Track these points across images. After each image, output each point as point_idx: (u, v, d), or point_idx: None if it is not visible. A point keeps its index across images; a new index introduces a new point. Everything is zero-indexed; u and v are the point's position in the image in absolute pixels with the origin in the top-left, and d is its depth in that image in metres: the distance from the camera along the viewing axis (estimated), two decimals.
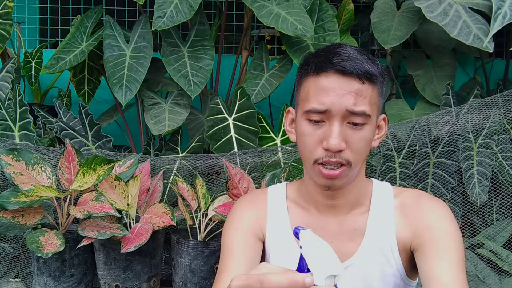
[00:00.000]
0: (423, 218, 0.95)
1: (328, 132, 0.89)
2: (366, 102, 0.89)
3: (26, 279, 1.82)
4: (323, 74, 0.90)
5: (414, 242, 0.94)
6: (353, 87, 0.88)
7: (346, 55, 0.90)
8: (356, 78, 0.88)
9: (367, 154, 0.95)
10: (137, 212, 1.59)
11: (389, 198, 1.00)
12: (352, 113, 0.88)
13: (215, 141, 1.89)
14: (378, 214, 0.99)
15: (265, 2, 1.93)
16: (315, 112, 0.90)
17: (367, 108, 0.89)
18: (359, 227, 0.98)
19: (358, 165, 0.92)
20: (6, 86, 2.04)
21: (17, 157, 1.52)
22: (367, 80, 0.89)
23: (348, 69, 0.88)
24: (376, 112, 0.93)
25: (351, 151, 0.89)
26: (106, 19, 2.06)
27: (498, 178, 1.89)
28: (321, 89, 0.90)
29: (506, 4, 1.79)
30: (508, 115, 1.85)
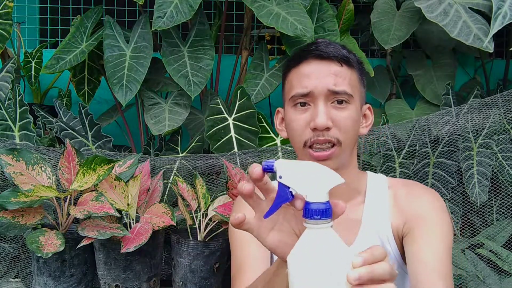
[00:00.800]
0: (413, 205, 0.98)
1: (314, 112, 0.94)
2: (346, 83, 0.95)
3: (26, 279, 1.82)
4: (303, 62, 0.97)
5: (405, 228, 0.97)
6: (331, 69, 0.95)
7: (322, 43, 0.98)
8: (334, 60, 0.95)
9: (356, 137, 0.98)
10: (137, 212, 1.59)
11: (384, 189, 1.03)
12: (334, 93, 0.93)
13: (215, 141, 1.89)
14: (374, 204, 1.01)
15: (265, 2, 1.93)
16: (299, 96, 0.95)
17: (348, 88, 0.95)
18: (356, 217, 1.01)
19: (348, 145, 0.96)
20: (6, 86, 2.04)
21: (17, 157, 1.52)
22: (345, 63, 0.96)
23: (326, 52, 0.95)
24: (358, 96, 0.98)
25: (339, 129, 0.94)
26: (106, 19, 2.06)
27: (498, 178, 1.89)
28: (302, 75, 0.96)
29: (506, 4, 1.79)
30: (508, 115, 1.85)
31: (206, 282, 1.58)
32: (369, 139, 1.88)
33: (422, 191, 1.01)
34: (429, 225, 0.95)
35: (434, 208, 0.97)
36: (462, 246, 1.88)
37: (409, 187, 1.03)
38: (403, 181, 1.06)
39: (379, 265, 0.55)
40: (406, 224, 0.97)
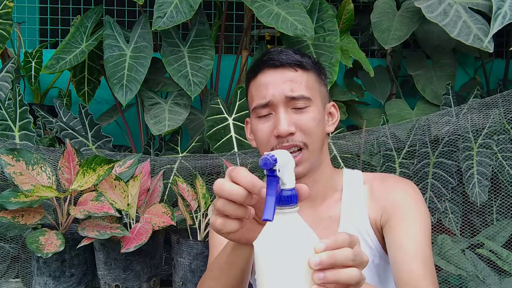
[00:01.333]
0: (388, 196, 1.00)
1: (276, 120, 0.97)
2: (303, 87, 0.97)
3: (26, 279, 1.82)
4: (259, 73, 1.00)
5: (382, 219, 0.99)
6: (287, 76, 0.97)
7: (274, 52, 1.01)
8: (288, 67, 0.98)
9: (322, 137, 1.01)
10: (137, 212, 1.59)
11: (360, 184, 1.05)
12: (292, 99, 0.96)
13: (215, 141, 1.89)
14: (351, 200, 1.03)
15: (265, 2, 1.93)
16: (260, 107, 0.98)
17: (305, 91, 0.97)
18: (334, 214, 1.03)
19: (316, 147, 0.98)
20: (6, 86, 2.04)
21: (17, 157, 1.52)
22: (299, 68, 0.98)
23: (279, 60, 0.98)
24: (318, 97, 1.00)
25: (303, 132, 0.96)
26: (106, 19, 2.06)
27: (498, 178, 1.89)
28: (260, 86, 0.99)
29: (506, 4, 1.79)
30: (508, 115, 1.85)
31: None
32: (369, 139, 1.88)
33: (396, 182, 1.03)
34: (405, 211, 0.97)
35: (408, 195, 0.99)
36: (462, 246, 1.88)
37: (384, 179, 1.05)
38: (379, 175, 1.08)
39: (342, 250, 0.57)
40: (383, 215, 0.99)
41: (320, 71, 1.04)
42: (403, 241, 0.93)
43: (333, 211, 1.03)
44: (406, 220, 0.96)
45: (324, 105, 1.03)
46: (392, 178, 1.06)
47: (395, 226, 0.96)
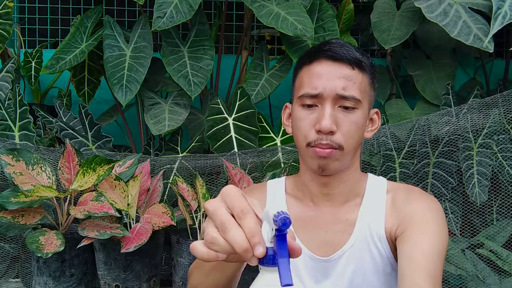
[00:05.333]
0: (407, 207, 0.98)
1: (321, 114, 0.94)
2: (356, 87, 0.94)
3: (26, 279, 1.82)
4: (315, 61, 0.96)
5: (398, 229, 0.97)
6: (343, 72, 0.94)
7: (336, 44, 0.96)
8: (346, 63, 0.94)
9: (359, 142, 0.99)
10: (137, 212, 1.59)
11: (382, 192, 1.03)
12: (342, 97, 0.93)
13: (215, 141, 1.89)
14: (370, 206, 1.01)
15: (265, 2, 1.93)
16: (308, 97, 0.95)
17: (357, 93, 0.94)
18: (351, 218, 1.01)
19: (350, 150, 0.96)
20: (6, 86, 2.04)
21: (17, 157, 1.52)
22: (357, 67, 0.95)
23: (339, 54, 0.94)
24: (367, 101, 0.98)
25: (342, 134, 0.94)
26: (106, 19, 2.06)
27: (498, 178, 1.89)
28: (313, 74, 0.96)
29: (506, 4, 1.79)
30: (508, 115, 1.85)
31: None
32: (369, 139, 1.89)
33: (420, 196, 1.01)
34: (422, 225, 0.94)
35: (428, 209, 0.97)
36: (462, 246, 1.88)
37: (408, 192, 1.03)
38: (404, 186, 1.06)
39: None
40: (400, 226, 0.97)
41: (374, 74, 1.01)
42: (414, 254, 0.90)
43: (350, 214, 1.02)
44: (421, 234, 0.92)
45: (369, 110, 1.01)
46: (417, 192, 1.03)
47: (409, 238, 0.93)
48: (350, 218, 1.02)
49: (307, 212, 1.04)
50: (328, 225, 1.02)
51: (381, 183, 1.05)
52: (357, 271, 0.99)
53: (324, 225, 1.02)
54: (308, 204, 1.04)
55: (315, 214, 1.03)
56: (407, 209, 0.98)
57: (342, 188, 1.02)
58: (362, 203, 1.02)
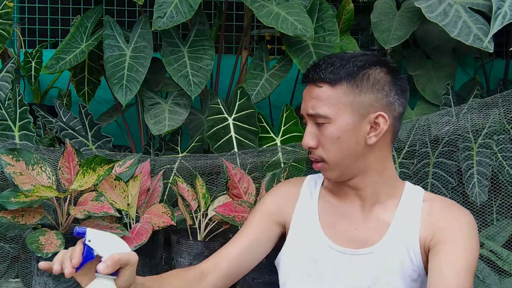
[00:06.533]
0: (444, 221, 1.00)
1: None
2: (322, 104, 0.99)
3: (26, 279, 1.82)
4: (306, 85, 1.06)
5: (432, 242, 0.98)
6: (312, 93, 1.01)
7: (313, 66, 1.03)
8: (313, 84, 1.01)
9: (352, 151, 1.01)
10: (137, 212, 1.59)
11: (419, 200, 1.05)
12: (311, 116, 1.01)
13: (215, 141, 1.89)
14: (407, 211, 1.03)
15: (265, 2, 1.93)
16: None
17: (322, 109, 0.99)
18: (385, 219, 1.04)
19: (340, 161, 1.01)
20: (6, 86, 2.04)
21: (17, 157, 1.52)
22: (324, 83, 1.00)
23: (308, 76, 1.02)
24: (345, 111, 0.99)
25: (322, 148, 1.01)
26: (106, 19, 2.06)
27: (498, 178, 1.89)
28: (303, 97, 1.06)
29: (506, 4, 1.79)
30: (508, 115, 1.85)
31: None
32: None
33: (458, 211, 1.02)
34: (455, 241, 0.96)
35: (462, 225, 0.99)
36: None
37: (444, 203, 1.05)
38: (440, 197, 1.08)
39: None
40: (434, 238, 0.99)
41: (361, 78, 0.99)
42: (444, 269, 0.93)
43: (384, 215, 1.04)
44: (453, 250, 0.95)
45: (364, 116, 1.00)
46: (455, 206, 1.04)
47: (441, 252, 0.96)
48: (383, 219, 1.04)
49: (339, 206, 1.09)
50: (359, 223, 1.06)
51: (418, 191, 1.07)
52: (383, 271, 1.00)
53: (355, 222, 1.06)
54: (342, 201, 1.09)
55: (348, 210, 1.07)
56: (442, 222, 0.99)
57: (369, 190, 1.05)
58: (399, 206, 1.04)
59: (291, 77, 2.20)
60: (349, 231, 1.05)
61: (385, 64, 1.03)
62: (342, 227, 1.06)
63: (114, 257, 0.80)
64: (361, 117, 1.00)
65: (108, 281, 0.80)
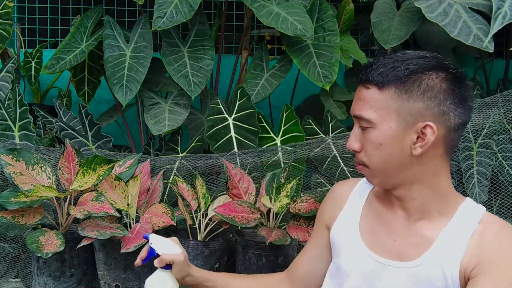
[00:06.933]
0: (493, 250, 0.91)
1: None
2: (367, 107, 0.95)
3: (26, 279, 1.82)
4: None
5: (474, 271, 0.91)
6: (360, 94, 0.97)
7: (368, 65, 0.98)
8: (362, 85, 0.97)
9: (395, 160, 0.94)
10: (137, 212, 1.59)
11: (474, 221, 0.95)
12: (356, 117, 0.98)
13: (215, 141, 1.89)
14: (454, 232, 0.95)
15: (265, 2, 1.93)
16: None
17: (366, 112, 0.95)
18: (428, 237, 0.97)
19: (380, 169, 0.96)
20: (6, 86, 2.04)
21: (17, 157, 1.52)
22: (372, 86, 0.95)
23: (359, 77, 0.98)
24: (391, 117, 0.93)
25: (365, 153, 0.97)
26: (106, 19, 2.06)
27: (498, 178, 1.89)
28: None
29: (506, 4, 1.79)
30: (508, 115, 1.85)
31: None
32: None
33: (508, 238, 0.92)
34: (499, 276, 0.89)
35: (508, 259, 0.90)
36: None
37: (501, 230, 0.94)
38: (499, 221, 0.97)
39: None
40: (476, 268, 0.91)
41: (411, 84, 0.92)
42: None
43: (429, 232, 0.97)
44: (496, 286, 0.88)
45: (411, 124, 0.92)
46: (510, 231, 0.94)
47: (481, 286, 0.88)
48: (427, 236, 0.97)
49: (383, 214, 1.04)
50: (399, 235, 1.00)
51: (477, 210, 0.98)
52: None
53: (395, 233, 1.01)
54: (387, 209, 1.04)
55: (390, 219, 1.02)
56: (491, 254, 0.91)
57: (416, 203, 0.98)
58: (448, 224, 0.96)
59: (291, 77, 2.20)
60: (388, 243, 1.00)
61: (445, 70, 0.96)
62: (380, 235, 1.02)
63: (162, 257, 1.06)
64: (408, 125, 0.93)
65: (163, 272, 1.08)
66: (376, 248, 1.01)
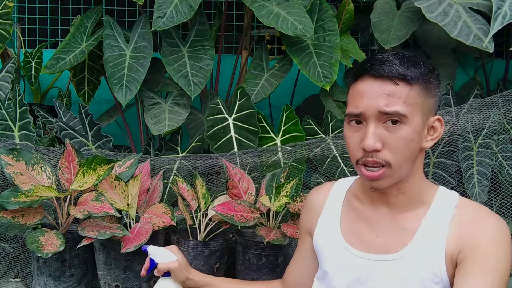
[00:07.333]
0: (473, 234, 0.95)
1: (365, 133, 0.95)
2: (400, 102, 0.93)
3: (26, 279, 1.82)
4: (359, 80, 0.97)
5: (459, 256, 0.94)
6: (385, 89, 0.93)
7: (379, 59, 0.95)
8: (388, 80, 0.93)
9: (414, 154, 0.96)
10: (137, 212, 1.59)
11: (450, 207, 1.00)
12: (386, 114, 0.93)
13: (215, 141, 1.89)
14: (435, 220, 0.98)
15: (265, 2, 1.93)
16: (352, 116, 0.97)
17: (401, 108, 0.92)
18: (411, 228, 1.00)
19: (402, 166, 0.95)
20: (6, 86, 2.04)
21: (17, 157, 1.52)
22: (401, 81, 0.93)
23: (379, 72, 0.93)
24: (419, 112, 0.95)
25: (389, 150, 0.93)
26: (106, 19, 2.06)
27: (498, 178, 1.89)
28: (356, 93, 0.97)
29: (506, 4, 1.79)
30: (508, 115, 1.85)
31: None
32: None
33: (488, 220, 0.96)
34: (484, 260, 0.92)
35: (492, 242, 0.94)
36: None
37: (477, 213, 0.98)
38: (474, 205, 1.01)
39: None
40: (461, 253, 0.94)
41: (429, 81, 0.97)
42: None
43: (410, 224, 1.00)
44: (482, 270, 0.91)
45: (427, 119, 0.98)
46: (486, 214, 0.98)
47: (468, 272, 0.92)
48: (410, 228, 0.99)
49: (363, 211, 1.06)
50: (382, 230, 1.02)
51: (451, 196, 1.02)
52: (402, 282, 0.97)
53: (378, 228, 1.03)
54: (367, 207, 1.05)
55: (372, 215, 1.04)
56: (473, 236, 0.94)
57: (401, 197, 1.01)
58: (427, 214, 0.99)
59: (291, 77, 2.20)
60: (370, 239, 1.02)
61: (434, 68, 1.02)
62: (363, 233, 1.04)
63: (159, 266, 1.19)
64: (425, 119, 0.97)
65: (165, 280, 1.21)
66: (361, 246, 1.03)
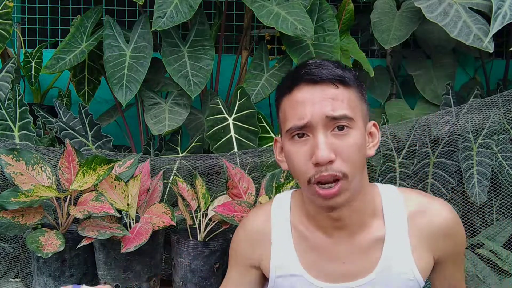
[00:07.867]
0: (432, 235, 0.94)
1: (314, 145, 0.84)
2: (345, 105, 0.85)
3: (26, 279, 1.82)
4: (295, 89, 0.88)
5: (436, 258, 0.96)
6: (327, 93, 0.86)
7: (313, 65, 0.88)
8: (329, 83, 0.86)
9: (363, 163, 0.89)
10: (137, 212, 1.59)
11: (400, 206, 0.95)
12: (333, 119, 0.84)
13: (215, 141, 1.89)
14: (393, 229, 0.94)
15: (265, 2, 1.93)
16: (295, 129, 0.86)
17: (347, 111, 0.85)
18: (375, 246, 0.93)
19: (356, 176, 0.87)
20: (6, 86, 2.04)
21: (17, 157, 1.52)
22: (340, 84, 0.87)
23: (318, 75, 0.86)
24: (360, 116, 0.88)
25: (343, 160, 0.84)
26: (106, 19, 2.06)
27: (498, 178, 1.89)
28: (296, 103, 0.87)
29: (506, 4, 1.79)
30: (508, 115, 1.85)
31: (206, 282, 1.58)
32: None
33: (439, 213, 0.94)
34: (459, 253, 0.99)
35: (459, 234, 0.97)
36: None
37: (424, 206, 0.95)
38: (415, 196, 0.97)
39: None
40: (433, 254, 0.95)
41: (361, 86, 0.91)
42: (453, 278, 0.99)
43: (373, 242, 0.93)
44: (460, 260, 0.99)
45: (365, 125, 0.90)
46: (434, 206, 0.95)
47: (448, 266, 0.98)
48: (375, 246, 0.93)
49: (317, 241, 0.95)
50: (347, 256, 0.94)
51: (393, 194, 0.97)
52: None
53: (341, 255, 0.94)
54: (319, 237, 0.95)
55: (329, 245, 0.95)
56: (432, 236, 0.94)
57: (355, 216, 0.92)
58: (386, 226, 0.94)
59: None
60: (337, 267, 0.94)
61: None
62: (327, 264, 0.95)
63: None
64: (364, 125, 0.90)
65: None
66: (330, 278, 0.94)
